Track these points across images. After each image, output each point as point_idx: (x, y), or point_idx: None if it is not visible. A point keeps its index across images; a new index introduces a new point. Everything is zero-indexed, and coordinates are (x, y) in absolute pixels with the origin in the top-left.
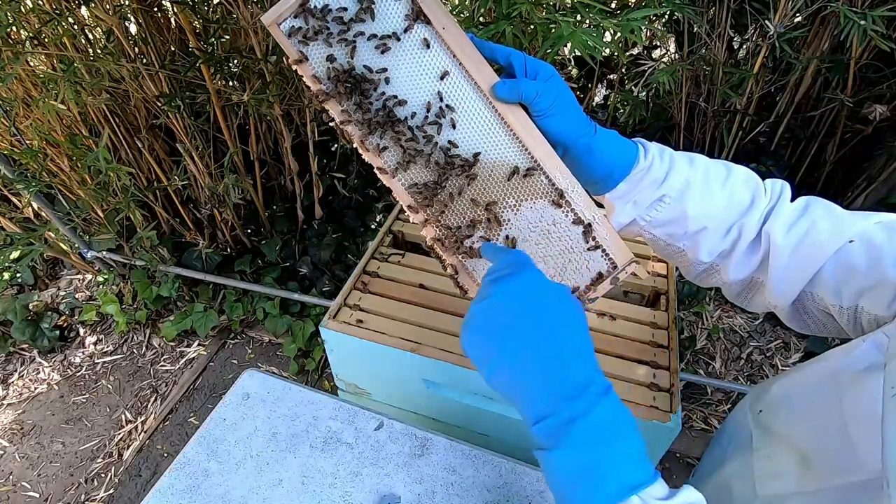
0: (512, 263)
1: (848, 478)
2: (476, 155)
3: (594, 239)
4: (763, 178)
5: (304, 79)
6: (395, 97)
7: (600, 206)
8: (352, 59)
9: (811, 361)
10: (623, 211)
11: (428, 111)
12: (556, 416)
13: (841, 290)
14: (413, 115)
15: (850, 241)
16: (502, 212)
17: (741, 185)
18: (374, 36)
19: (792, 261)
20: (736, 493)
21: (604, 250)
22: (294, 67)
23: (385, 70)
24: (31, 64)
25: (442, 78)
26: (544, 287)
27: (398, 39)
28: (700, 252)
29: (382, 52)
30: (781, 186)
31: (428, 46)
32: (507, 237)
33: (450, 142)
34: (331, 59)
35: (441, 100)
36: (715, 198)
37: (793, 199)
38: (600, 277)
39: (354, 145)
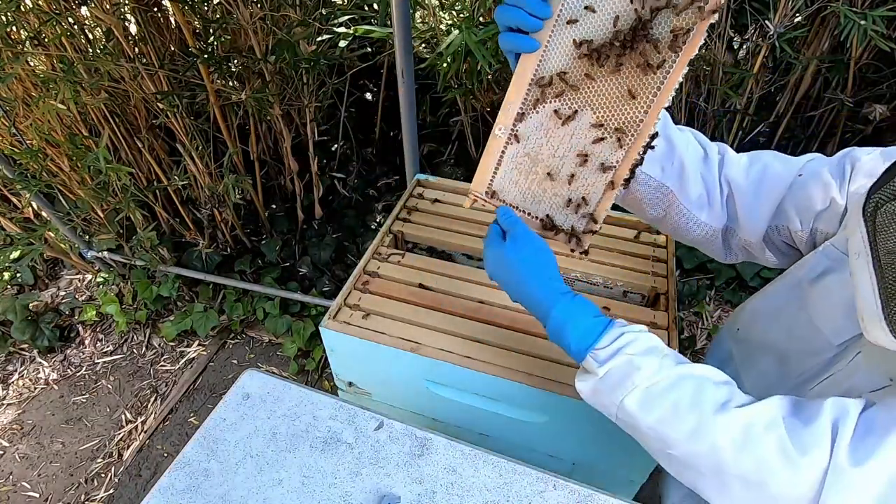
0: (510, 223)
1: (821, 357)
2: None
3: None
4: None
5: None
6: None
7: None
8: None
9: (772, 283)
10: None
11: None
12: (549, 309)
13: (801, 216)
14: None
15: (800, 175)
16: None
17: (694, 136)
18: None
19: (756, 198)
20: None
21: None
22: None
23: None
24: (31, 64)
25: None
26: (531, 236)
27: None
28: (687, 194)
29: None
30: (724, 145)
31: None
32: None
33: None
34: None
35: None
36: (683, 139)
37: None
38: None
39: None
